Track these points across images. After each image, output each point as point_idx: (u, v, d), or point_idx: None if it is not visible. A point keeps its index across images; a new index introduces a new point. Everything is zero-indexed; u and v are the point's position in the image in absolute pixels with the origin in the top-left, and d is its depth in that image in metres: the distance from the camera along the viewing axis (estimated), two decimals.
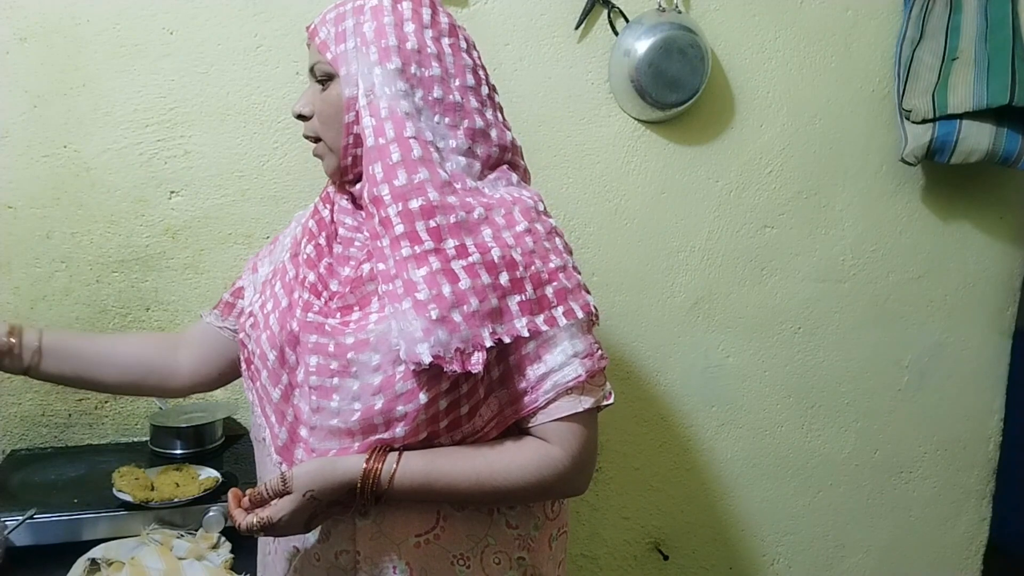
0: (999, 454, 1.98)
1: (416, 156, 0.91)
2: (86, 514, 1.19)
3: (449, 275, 0.88)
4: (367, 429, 0.90)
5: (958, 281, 1.88)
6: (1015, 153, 1.65)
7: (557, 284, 0.93)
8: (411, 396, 0.88)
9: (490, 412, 0.93)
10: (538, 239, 0.94)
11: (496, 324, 0.89)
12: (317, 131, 0.99)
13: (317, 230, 1.04)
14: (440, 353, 0.86)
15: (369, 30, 0.93)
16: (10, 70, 1.39)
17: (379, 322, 0.91)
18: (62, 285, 1.45)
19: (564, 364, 0.92)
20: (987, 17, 1.66)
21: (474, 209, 0.92)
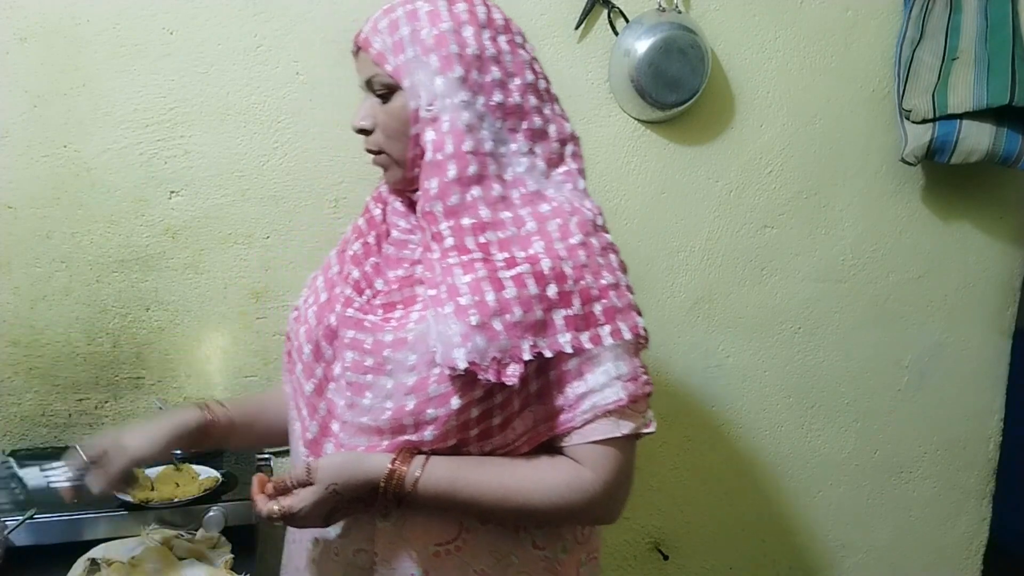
0: (999, 454, 1.98)
1: (472, 172, 0.89)
2: (86, 514, 1.19)
3: (495, 283, 0.86)
4: (396, 429, 0.89)
5: (958, 281, 1.88)
6: (1015, 153, 1.65)
7: (607, 302, 0.90)
8: (443, 400, 0.86)
9: (523, 426, 0.90)
10: (591, 253, 0.91)
11: (538, 337, 0.87)
12: (381, 144, 0.97)
13: (366, 228, 1.03)
14: (476, 360, 0.84)
15: (428, 37, 0.90)
16: (10, 70, 1.39)
17: (419, 321, 0.90)
18: (62, 285, 1.45)
19: (606, 385, 0.89)
20: (987, 17, 1.66)
21: (525, 223, 0.90)
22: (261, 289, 1.53)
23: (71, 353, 1.47)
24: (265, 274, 1.53)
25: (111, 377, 1.49)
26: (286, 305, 1.55)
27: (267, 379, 1.56)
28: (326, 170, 1.53)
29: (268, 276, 1.53)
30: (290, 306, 1.54)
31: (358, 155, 1.53)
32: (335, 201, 1.54)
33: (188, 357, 1.52)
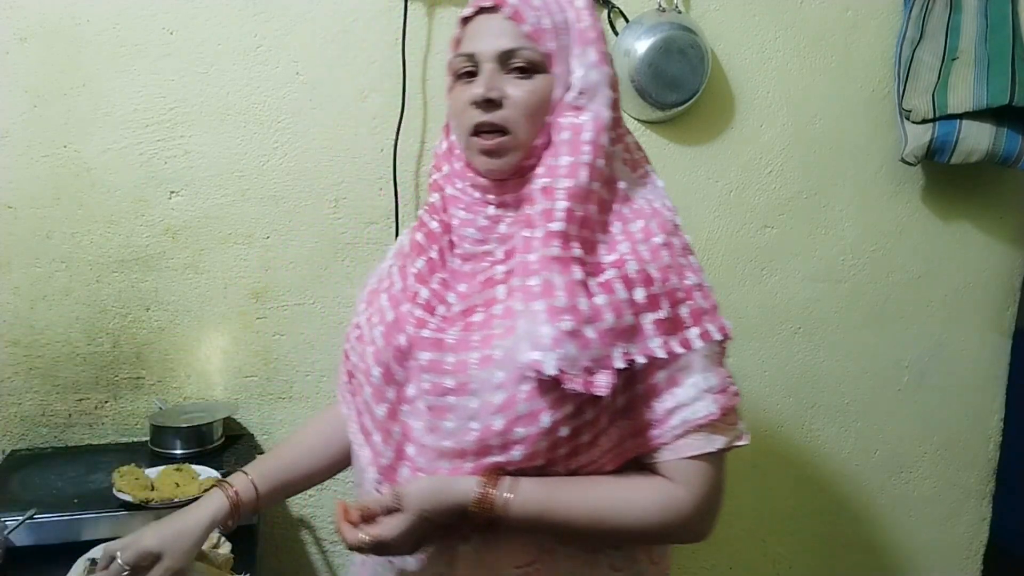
0: (999, 454, 1.98)
1: (599, 165, 0.87)
2: (86, 514, 1.19)
3: (586, 289, 0.84)
4: (482, 451, 0.84)
5: (958, 281, 1.88)
6: (1015, 153, 1.65)
7: (692, 304, 0.87)
8: (533, 418, 0.82)
9: (609, 442, 0.87)
10: (674, 254, 0.89)
11: (629, 343, 0.84)
12: (509, 122, 0.88)
13: (427, 242, 0.96)
14: (565, 368, 0.80)
15: (588, 29, 0.89)
16: (10, 70, 1.39)
17: (504, 336, 0.85)
18: (62, 285, 1.45)
19: (696, 399, 0.86)
20: (987, 17, 1.66)
21: (614, 224, 0.89)
22: (261, 289, 1.53)
23: (71, 353, 1.47)
24: (265, 274, 1.53)
25: (111, 377, 1.49)
26: (286, 305, 1.55)
27: (267, 379, 1.56)
28: (326, 170, 1.53)
29: (268, 276, 1.53)
30: (290, 306, 1.55)
31: (358, 155, 1.54)
32: (335, 201, 1.54)
33: (188, 357, 1.52)
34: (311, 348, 1.57)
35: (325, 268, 1.56)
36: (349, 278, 1.57)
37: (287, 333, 1.56)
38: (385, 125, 1.53)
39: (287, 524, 1.62)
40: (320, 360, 1.58)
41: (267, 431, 1.58)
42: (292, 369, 1.57)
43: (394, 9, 1.50)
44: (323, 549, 1.65)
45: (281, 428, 1.58)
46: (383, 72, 1.52)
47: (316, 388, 1.59)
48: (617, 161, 0.92)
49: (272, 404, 1.57)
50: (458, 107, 0.92)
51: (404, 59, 1.51)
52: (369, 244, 1.57)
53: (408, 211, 1.57)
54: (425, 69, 1.54)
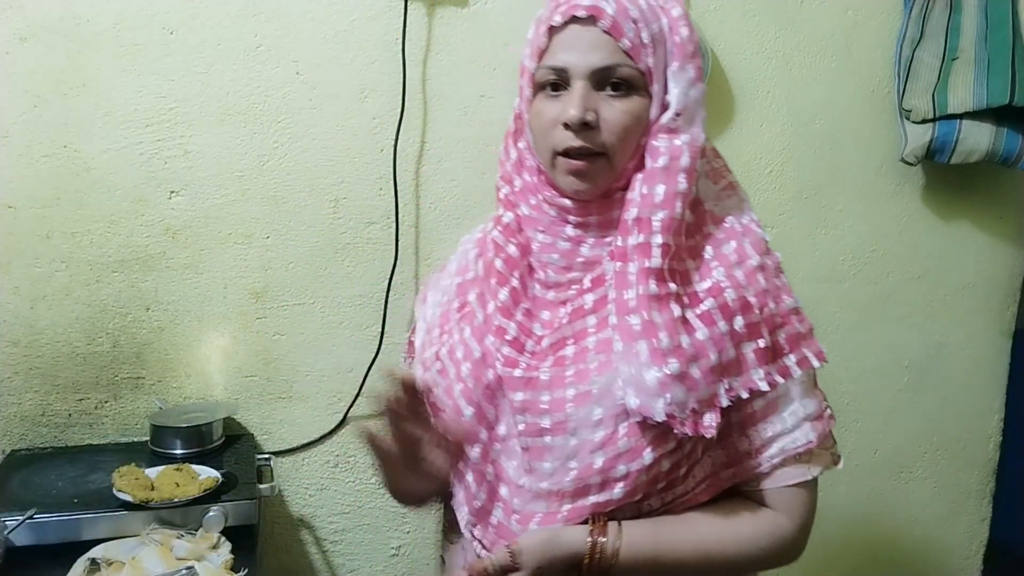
0: (999, 454, 1.98)
1: (693, 193, 0.83)
2: (86, 514, 1.19)
3: (687, 325, 0.80)
4: (580, 491, 0.82)
5: (958, 281, 1.88)
6: (1015, 153, 1.65)
7: (790, 328, 0.84)
8: (635, 455, 0.80)
9: (703, 472, 0.85)
10: (769, 276, 0.85)
11: (732, 378, 0.81)
12: (609, 145, 0.82)
13: (507, 270, 0.88)
14: (675, 412, 0.78)
15: (686, 43, 0.82)
16: (10, 70, 1.39)
17: (600, 371, 0.82)
18: (62, 285, 1.45)
19: (795, 427, 0.84)
20: (987, 17, 1.66)
21: (705, 248, 0.85)
22: (261, 289, 1.53)
23: (71, 353, 1.47)
24: (265, 274, 1.53)
25: (111, 377, 1.49)
26: (286, 305, 1.55)
27: (267, 379, 1.56)
28: (326, 170, 1.53)
29: (268, 276, 1.53)
30: (290, 306, 1.55)
31: (358, 155, 1.54)
32: (335, 201, 1.54)
33: (188, 357, 1.52)
34: (311, 348, 1.57)
35: (325, 268, 1.56)
36: (349, 278, 1.57)
37: (287, 333, 1.56)
38: (385, 125, 1.53)
39: (287, 524, 1.63)
40: (320, 360, 1.58)
41: (267, 431, 1.58)
42: (292, 369, 1.57)
43: (394, 9, 1.50)
44: (323, 549, 1.65)
45: (281, 428, 1.58)
46: (383, 72, 1.52)
47: (316, 388, 1.59)
48: (702, 177, 0.88)
49: (272, 404, 1.57)
50: (543, 124, 0.84)
51: (404, 59, 1.51)
52: (369, 244, 1.57)
53: (408, 211, 1.57)
54: (425, 69, 1.54)
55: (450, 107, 1.56)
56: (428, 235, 1.59)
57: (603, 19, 0.79)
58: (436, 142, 1.57)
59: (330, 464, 1.62)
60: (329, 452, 1.62)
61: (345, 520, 1.65)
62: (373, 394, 0.85)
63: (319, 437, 1.60)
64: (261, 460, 1.47)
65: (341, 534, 1.65)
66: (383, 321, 1.58)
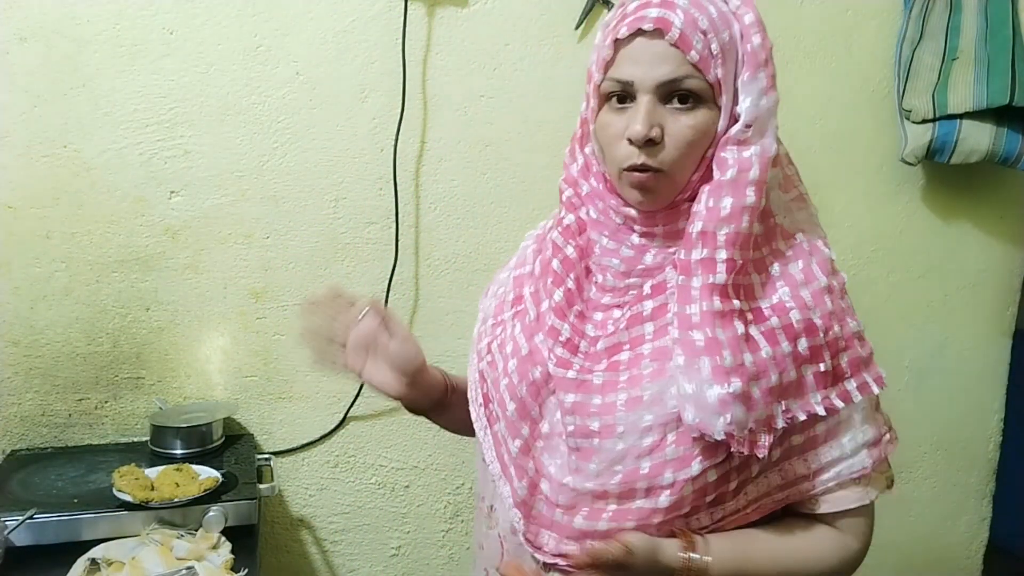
0: (999, 454, 1.98)
1: (761, 205, 0.81)
2: (86, 514, 1.19)
3: (751, 343, 0.79)
4: (625, 494, 0.82)
5: (958, 281, 1.88)
6: (1015, 153, 1.65)
7: (852, 352, 0.84)
8: (683, 463, 0.80)
9: (756, 492, 0.85)
10: (835, 298, 0.84)
11: (791, 400, 0.81)
12: (666, 164, 0.80)
13: (563, 271, 0.89)
14: (732, 431, 0.77)
15: (758, 50, 0.79)
16: (10, 70, 1.39)
17: (653, 378, 0.82)
18: (62, 285, 1.45)
19: (853, 453, 0.84)
20: (987, 17, 1.66)
21: (772, 264, 0.83)
22: (261, 289, 1.53)
23: (71, 353, 1.47)
24: (265, 274, 1.53)
25: (111, 377, 1.49)
26: (286, 305, 1.55)
27: (267, 379, 1.56)
28: (326, 170, 1.53)
29: (268, 276, 1.53)
30: (290, 306, 1.55)
31: (358, 155, 1.54)
32: (335, 201, 1.54)
33: (188, 357, 1.52)
34: None
35: (325, 268, 1.56)
36: (349, 278, 1.57)
37: (287, 333, 1.56)
38: (385, 125, 1.53)
39: (287, 524, 1.63)
40: None
41: (267, 431, 1.58)
42: (292, 369, 1.57)
43: (394, 9, 1.50)
44: (323, 549, 1.65)
45: (281, 428, 1.58)
46: (383, 72, 1.52)
47: (316, 388, 1.59)
48: (773, 188, 0.85)
49: (272, 404, 1.57)
50: (609, 136, 0.83)
51: (404, 59, 1.51)
52: (369, 244, 1.57)
53: (408, 211, 1.57)
54: (425, 69, 1.54)
55: (450, 107, 1.56)
56: (428, 235, 1.59)
57: (670, 32, 0.77)
58: (436, 142, 1.57)
59: (330, 464, 1.62)
60: (329, 452, 1.62)
61: (345, 520, 1.65)
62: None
63: (319, 437, 1.60)
64: (261, 460, 1.48)
65: (341, 534, 1.66)
66: None
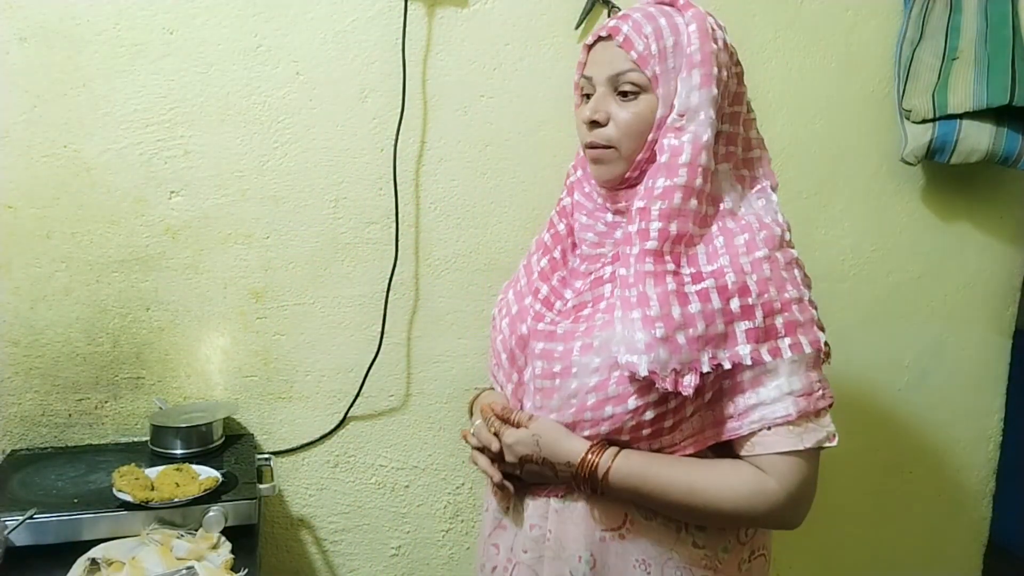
0: (999, 454, 1.98)
1: (697, 185, 0.95)
2: (86, 514, 1.19)
3: (681, 297, 0.93)
4: (576, 424, 0.98)
5: (958, 281, 1.88)
6: (1015, 153, 1.65)
7: (788, 315, 0.95)
8: (621, 400, 0.95)
9: (691, 429, 0.97)
10: (775, 267, 0.96)
11: (718, 349, 0.93)
12: (613, 140, 1.00)
13: (552, 243, 1.10)
14: (656, 370, 0.91)
15: (695, 53, 0.96)
16: (10, 70, 1.39)
17: (603, 327, 0.97)
18: (62, 285, 1.45)
19: (776, 400, 0.94)
20: (987, 17, 1.66)
21: (716, 238, 0.97)
22: (261, 289, 1.54)
23: (71, 353, 1.47)
24: (265, 274, 1.53)
25: (111, 377, 1.49)
26: (286, 305, 1.55)
27: (267, 379, 1.56)
28: (326, 170, 1.53)
29: (268, 276, 1.53)
30: (290, 306, 1.55)
31: (358, 155, 1.54)
32: (335, 201, 1.54)
33: (188, 357, 1.52)
34: (311, 348, 1.57)
35: (325, 268, 1.56)
36: (349, 278, 1.57)
37: (287, 333, 1.56)
38: (385, 125, 1.53)
39: (287, 524, 1.63)
40: (320, 360, 1.58)
41: (267, 431, 1.58)
42: (292, 369, 1.57)
43: (394, 9, 1.50)
44: (323, 549, 1.65)
45: (281, 428, 1.58)
46: (383, 72, 1.52)
47: (316, 388, 1.59)
48: (724, 179, 1.00)
49: (272, 404, 1.58)
50: (578, 122, 1.05)
51: (404, 59, 1.51)
52: (369, 244, 1.57)
53: (408, 211, 1.57)
54: (425, 69, 1.54)
55: (450, 107, 1.57)
56: (428, 235, 1.59)
57: (617, 36, 0.99)
58: (436, 142, 1.57)
59: (330, 464, 1.62)
60: (329, 452, 1.62)
61: (345, 520, 1.65)
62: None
63: (319, 437, 1.60)
64: (261, 460, 1.48)
65: (341, 534, 1.66)
66: (383, 321, 1.58)
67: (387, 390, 1.63)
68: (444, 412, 1.66)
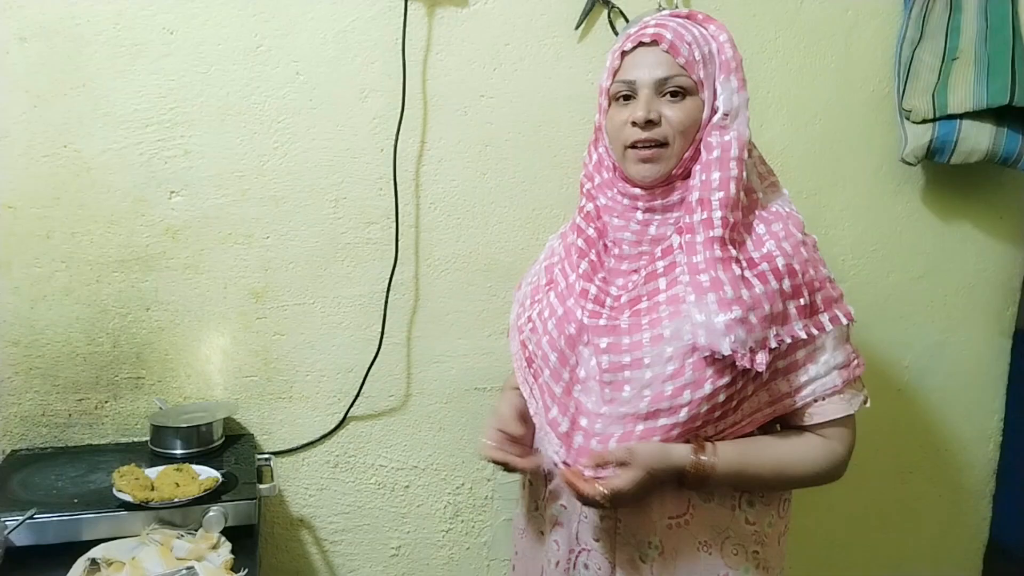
0: (999, 454, 1.98)
1: (744, 177, 1.05)
2: (86, 514, 1.19)
3: (746, 281, 1.01)
4: (653, 414, 1.02)
5: (958, 281, 1.88)
6: (1015, 153, 1.65)
7: (824, 292, 1.06)
8: (698, 385, 1.00)
9: (750, 408, 1.05)
10: (809, 250, 1.07)
11: (781, 327, 1.02)
12: (669, 137, 1.06)
13: (586, 247, 1.14)
14: (736, 349, 0.98)
15: (731, 59, 1.06)
16: (10, 70, 1.39)
17: (671, 318, 1.03)
18: (62, 285, 1.45)
19: (825, 374, 1.05)
20: (987, 17, 1.66)
21: (757, 226, 1.07)
22: (261, 289, 1.53)
23: (71, 353, 1.47)
24: (265, 274, 1.53)
25: (111, 377, 1.49)
26: (286, 305, 1.55)
27: (267, 379, 1.56)
28: (326, 170, 1.53)
29: (268, 276, 1.53)
30: (290, 306, 1.55)
31: (358, 155, 1.54)
32: (335, 201, 1.54)
33: (188, 357, 1.52)
34: (311, 348, 1.57)
35: (325, 268, 1.56)
36: (349, 278, 1.57)
37: (287, 333, 1.56)
38: (385, 125, 1.53)
39: (287, 524, 1.63)
40: (320, 360, 1.58)
41: (267, 431, 1.58)
42: (292, 369, 1.57)
43: (394, 9, 1.50)
44: (323, 549, 1.65)
45: (281, 428, 1.58)
46: (383, 72, 1.52)
47: (316, 388, 1.59)
48: (752, 173, 1.10)
49: (272, 404, 1.58)
50: (616, 125, 1.10)
51: (404, 59, 1.51)
52: (369, 244, 1.57)
53: (408, 211, 1.57)
54: (425, 69, 1.54)
55: (450, 107, 1.57)
56: (428, 235, 1.59)
57: (663, 42, 1.05)
58: (436, 142, 1.57)
59: (330, 464, 1.62)
60: (329, 452, 1.62)
61: (345, 520, 1.65)
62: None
63: (319, 437, 1.60)
64: (261, 460, 1.48)
65: (341, 534, 1.66)
66: (383, 321, 1.58)
67: (387, 390, 1.63)
68: (444, 412, 1.66)
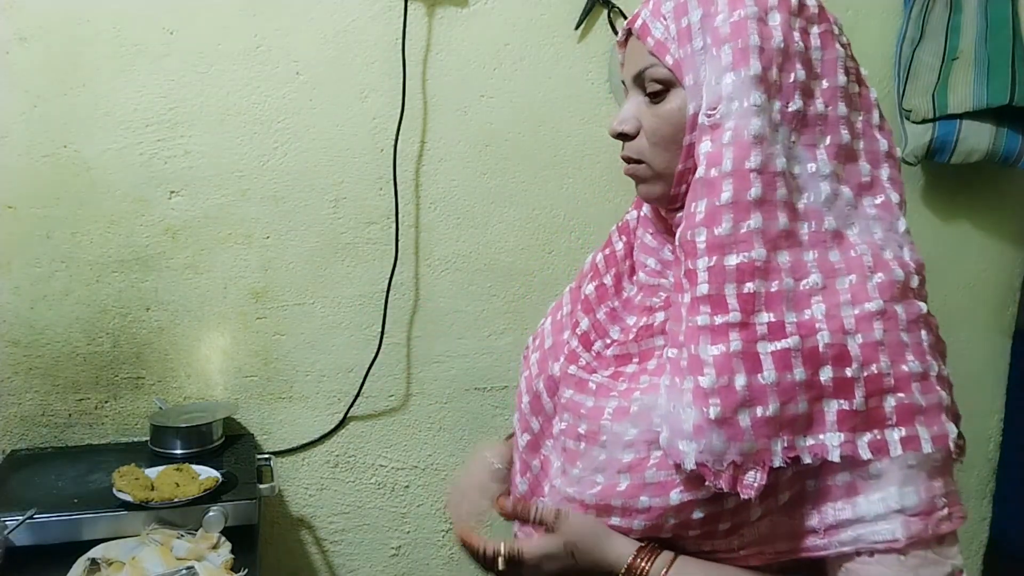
0: (999, 454, 1.98)
1: (753, 196, 0.69)
2: (86, 514, 1.19)
3: (750, 360, 0.67)
4: (602, 508, 0.75)
5: (958, 281, 1.88)
6: (1015, 153, 1.65)
7: (904, 397, 0.68)
8: (661, 490, 0.71)
9: (756, 535, 0.73)
10: (893, 327, 0.69)
11: (797, 436, 0.68)
12: (643, 153, 0.78)
13: (604, 267, 0.88)
14: (707, 461, 0.67)
15: (723, 24, 0.71)
16: (10, 70, 1.39)
17: (646, 391, 0.75)
18: (62, 285, 1.45)
19: (881, 517, 0.67)
20: (987, 17, 1.66)
21: (808, 275, 0.69)
22: (261, 289, 1.54)
23: (71, 353, 1.47)
24: (265, 274, 1.53)
25: (111, 377, 1.49)
26: (286, 305, 1.55)
27: (267, 379, 1.56)
28: (326, 170, 1.53)
29: (268, 276, 1.53)
30: (290, 306, 1.55)
31: (358, 155, 1.54)
32: (335, 201, 1.54)
33: (188, 357, 1.52)
34: (311, 348, 1.57)
35: (325, 268, 1.56)
36: (349, 278, 1.57)
37: (287, 333, 1.56)
38: (385, 125, 1.53)
39: (287, 524, 1.63)
40: (320, 360, 1.58)
41: (267, 431, 1.58)
42: (292, 369, 1.57)
43: (394, 9, 1.50)
44: (323, 549, 1.65)
45: (281, 428, 1.58)
46: (383, 72, 1.52)
47: (316, 388, 1.59)
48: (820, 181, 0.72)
49: (272, 404, 1.58)
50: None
51: (404, 59, 1.51)
52: (369, 244, 1.57)
53: (408, 211, 1.57)
54: (425, 69, 1.54)
55: (450, 107, 1.57)
56: (428, 235, 1.59)
57: (635, 24, 0.77)
58: (436, 142, 1.57)
59: (330, 464, 1.62)
60: (329, 452, 1.62)
61: (345, 520, 1.65)
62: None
63: (319, 437, 1.60)
64: (261, 460, 1.48)
65: (341, 534, 1.66)
66: (383, 321, 1.58)
67: (387, 390, 1.63)
68: (444, 412, 1.66)
